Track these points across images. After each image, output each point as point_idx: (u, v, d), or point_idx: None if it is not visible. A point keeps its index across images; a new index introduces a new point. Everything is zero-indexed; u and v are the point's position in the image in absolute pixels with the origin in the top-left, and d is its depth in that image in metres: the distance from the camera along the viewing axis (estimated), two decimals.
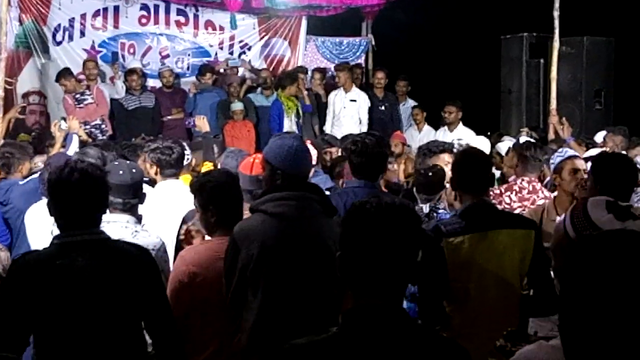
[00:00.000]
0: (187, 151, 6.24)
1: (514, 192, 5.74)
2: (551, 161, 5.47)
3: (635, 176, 4.46)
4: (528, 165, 5.88)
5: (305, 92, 11.84)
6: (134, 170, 4.52)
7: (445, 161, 6.28)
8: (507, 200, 5.68)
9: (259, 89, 12.06)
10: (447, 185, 5.28)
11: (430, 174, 5.68)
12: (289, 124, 11.43)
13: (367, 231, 2.20)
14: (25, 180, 6.01)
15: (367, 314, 2.19)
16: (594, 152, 7.06)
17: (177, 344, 3.50)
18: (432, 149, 6.71)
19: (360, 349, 2.16)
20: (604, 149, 7.52)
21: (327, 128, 11.64)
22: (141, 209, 4.62)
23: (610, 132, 8.50)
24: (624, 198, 4.23)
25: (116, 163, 4.77)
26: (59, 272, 3.17)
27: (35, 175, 5.98)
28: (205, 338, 3.95)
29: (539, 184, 5.86)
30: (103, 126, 10.81)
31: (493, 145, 8.68)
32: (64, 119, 8.28)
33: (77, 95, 10.80)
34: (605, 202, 3.89)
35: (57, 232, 4.56)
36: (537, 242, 4.37)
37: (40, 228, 5.09)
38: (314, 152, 6.41)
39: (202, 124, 7.98)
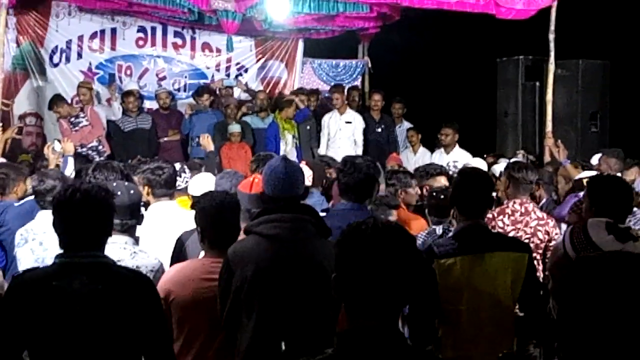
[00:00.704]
0: (187, 173, 6.24)
1: (506, 216, 5.72)
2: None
3: (630, 198, 4.46)
4: (519, 187, 5.87)
5: (297, 99, 11.88)
6: (132, 192, 4.51)
7: (442, 183, 6.29)
8: (501, 224, 5.67)
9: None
10: None
11: (442, 196, 5.69)
12: (285, 146, 11.46)
13: (362, 252, 2.19)
14: (21, 202, 5.99)
15: (362, 335, 2.18)
16: (588, 174, 7.06)
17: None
18: (430, 171, 6.72)
19: None
20: (597, 172, 7.50)
21: (322, 150, 11.66)
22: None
23: (605, 155, 8.51)
24: (620, 220, 4.24)
25: (114, 184, 4.76)
26: (53, 294, 3.15)
27: (30, 198, 5.97)
28: (183, 354, 3.94)
29: (532, 205, 5.85)
30: (100, 147, 10.83)
31: (489, 167, 8.68)
32: (58, 140, 8.27)
33: (72, 119, 10.81)
34: (605, 223, 3.90)
35: (19, 255, 4.56)
36: (529, 266, 4.38)
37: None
38: (308, 173, 6.41)
39: (206, 143, 7.99)
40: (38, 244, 4.86)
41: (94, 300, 3.17)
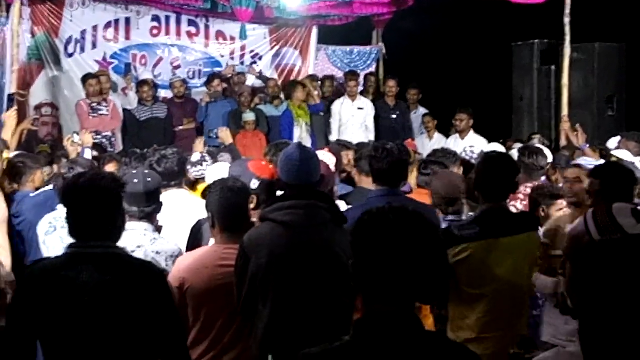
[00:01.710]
0: (208, 162, 6.25)
1: (519, 201, 5.72)
2: None
3: (633, 185, 4.48)
4: (531, 172, 5.86)
5: (316, 93, 11.88)
6: (148, 180, 4.51)
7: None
8: (514, 210, 5.66)
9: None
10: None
11: None
12: (300, 133, 11.46)
13: (379, 236, 2.20)
14: (37, 193, 6.02)
15: (379, 322, 2.19)
16: (622, 154, 6.97)
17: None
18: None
19: (374, 356, 2.16)
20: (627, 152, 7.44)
21: (334, 137, 11.66)
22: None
23: (625, 138, 8.45)
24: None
25: (134, 172, 4.78)
26: (63, 284, 3.12)
27: (47, 188, 6.00)
28: (200, 341, 3.96)
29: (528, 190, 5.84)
30: (113, 139, 10.85)
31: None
32: (77, 133, 8.30)
33: (94, 104, 10.82)
34: (630, 209, 3.91)
35: (48, 242, 4.54)
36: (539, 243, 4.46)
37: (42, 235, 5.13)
38: (332, 160, 6.40)
39: (225, 135, 7.95)
40: (67, 232, 4.85)
41: (102, 292, 3.12)
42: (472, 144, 9.50)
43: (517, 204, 5.71)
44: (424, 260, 2.21)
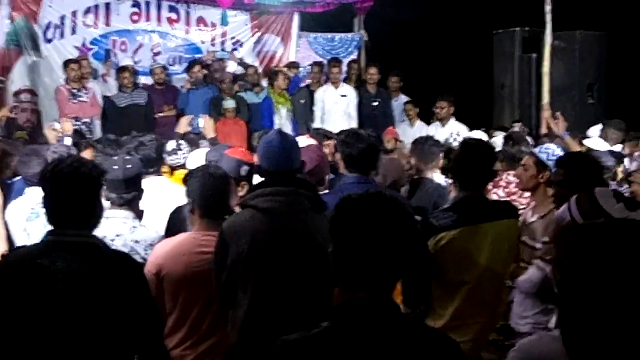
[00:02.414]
0: (183, 150, 6.20)
1: (501, 189, 5.73)
2: None
3: (600, 174, 4.50)
4: (514, 161, 5.87)
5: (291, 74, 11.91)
6: (128, 166, 4.47)
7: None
8: (495, 197, 5.66)
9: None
10: None
11: None
12: (280, 120, 11.45)
13: (357, 222, 2.20)
14: (12, 181, 5.93)
15: (358, 308, 2.19)
16: (594, 142, 7.01)
17: (161, 355, 3.40)
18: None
19: (352, 343, 2.16)
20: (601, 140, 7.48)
21: (317, 124, 11.66)
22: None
23: (607, 126, 8.48)
24: None
25: (114, 158, 4.73)
26: (37, 272, 3.06)
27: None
28: (177, 329, 3.92)
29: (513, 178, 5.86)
30: (92, 126, 10.79)
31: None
32: (58, 121, 8.23)
33: (74, 90, 10.76)
34: (612, 192, 3.93)
35: (30, 229, 4.48)
36: (520, 232, 4.46)
37: (18, 225, 5.08)
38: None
39: (208, 127, 7.84)
40: None
41: (76, 281, 3.06)
42: (452, 132, 9.52)
43: (500, 192, 5.71)
44: (401, 245, 2.22)
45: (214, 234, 3.96)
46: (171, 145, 6.33)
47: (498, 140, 8.11)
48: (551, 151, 5.12)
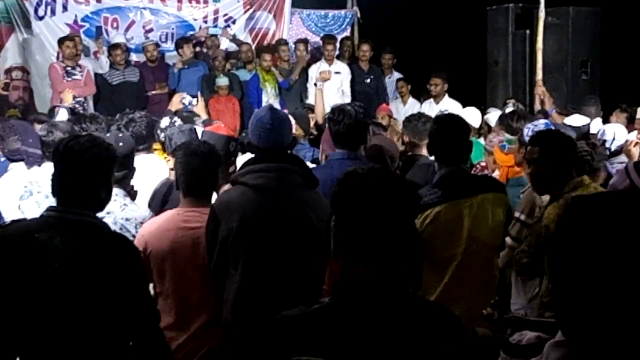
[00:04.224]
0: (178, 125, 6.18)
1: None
2: None
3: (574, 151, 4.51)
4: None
5: (285, 66, 11.88)
6: (120, 144, 4.42)
7: None
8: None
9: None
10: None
11: None
12: (267, 98, 11.43)
13: (359, 197, 2.19)
14: (4, 159, 5.89)
15: (360, 283, 2.18)
16: (575, 119, 7.03)
17: (158, 341, 3.34)
18: None
19: (353, 318, 2.14)
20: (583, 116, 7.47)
21: (310, 100, 11.63)
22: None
23: (585, 105, 8.48)
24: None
25: (107, 135, 4.70)
26: (34, 246, 3.06)
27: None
28: (165, 308, 3.88)
29: None
30: (85, 104, 10.75)
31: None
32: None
33: (68, 68, 10.72)
34: None
35: (23, 207, 4.47)
36: (509, 206, 4.45)
37: (8, 199, 5.05)
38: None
39: (201, 108, 7.77)
40: (44, 196, 4.76)
41: (73, 259, 3.05)
42: (446, 109, 9.51)
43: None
44: (404, 220, 2.22)
45: (198, 210, 3.98)
46: (165, 121, 6.30)
47: (492, 117, 8.11)
48: (531, 127, 5.13)
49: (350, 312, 2.15)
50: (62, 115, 7.22)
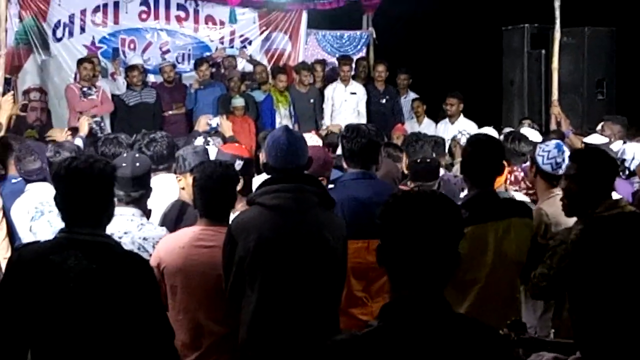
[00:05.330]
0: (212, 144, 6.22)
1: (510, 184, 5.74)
2: None
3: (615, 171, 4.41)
4: (511, 157, 5.89)
5: (304, 90, 11.93)
6: (137, 164, 4.45)
7: None
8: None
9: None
10: None
11: (428, 160, 5.87)
12: (280, 119, 11.47)
13: (410, 221, 2.19)
14: (17, 180, 5.88)
15: (409, 306, 2.18)
16: (595, 139, 7.03)
17: (172, 358, 3.38)
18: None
19: (403, 342, 2.14)
20: (603, 136, 7.46)
21: (327, 121, 11.68)
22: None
23: (610, 121, 8.45)
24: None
25: (124, 155, 4.73)
26: (49, 268, 3.08)
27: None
28: (177, 326, 3.84)
29: (522, 174, 5.86)
30: (102, 124, 10.79)
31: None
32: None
33: (84, 89, 10.79)
34: None
35: (35, 228, 4.48)
36: (535, 231, 4.42)
37: (25, 220, 5.08)
38: (319, 142, 6.38)
39: (226, 127, 7.80)
40: (55, 215, 4.79)
41: (88, 279, 3.08)
42: (462, 129, 9.51)
43: (512, 188, 5.72)
44: (452, 243, 2.23)
45: (214, 229, 4.03)
46: (199, 140, 6.33)
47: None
48: (543, 147, 5.09)
49: (401, 335, 2.15)
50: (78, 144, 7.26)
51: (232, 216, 4.14)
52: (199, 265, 3.98)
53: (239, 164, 4.68)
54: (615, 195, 4.45)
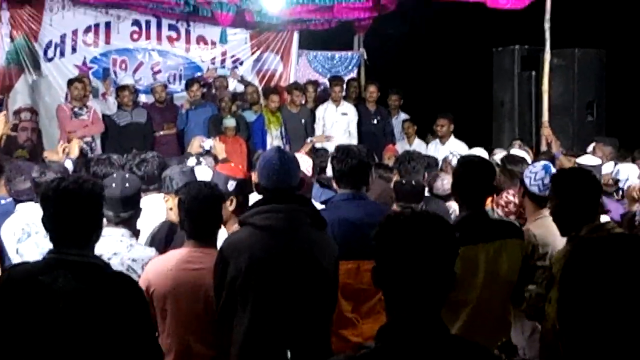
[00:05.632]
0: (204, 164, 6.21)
1: (500, 207, 5.71)
2: None
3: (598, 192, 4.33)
4: (514, 179, 5.88)
5: (295, 110, 11.95)
6: (126, 185, 4.43)
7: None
8: (496, 216, 5.65)
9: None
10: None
11: (413, 182, 5.88)
12: (271, 140, 11.48)
13: (405, 242, 2.17)
14: (6, 201, 5.84)
15: (406, 328, 2.16)
16: (586, 159, 7.05)
17: None
18: None
19: None
20: (594, 157, 7.48)
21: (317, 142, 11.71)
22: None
23: (601, 142, 8.49)
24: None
25: (114, 175, 4.72)
26: (38, 289, 3.06)
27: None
28: (166, 348, 3.84)
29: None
30: (93, 145, 10.79)
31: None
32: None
33: (75, 109, 10.78)
34: None
35: (22, 249, 4.46)
36: (526, 252, 4.40)
37: (15, 241, 5.05)
38: (309, 163, 6.38)
39: (219, 149, 7.79)
40: (42, 237, 4.76)
41: (77, 300, 3.05)
42: (452, 150, 9.53)
43: (499, 211, 5.70)
44: (448, 264, 2.21)
45: (203, 250, 4.01)
46: (191, 161, 6.33)
47: (498, 158, 8.11)
48: (530, 168, 5.07)
49: (399, 358, 2.13)
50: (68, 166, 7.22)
51: (225, 236, 4.12)
52: (187, 287, 3.96)
53: (231, 184, 4.67)
54: (605, 217, 4.44)
